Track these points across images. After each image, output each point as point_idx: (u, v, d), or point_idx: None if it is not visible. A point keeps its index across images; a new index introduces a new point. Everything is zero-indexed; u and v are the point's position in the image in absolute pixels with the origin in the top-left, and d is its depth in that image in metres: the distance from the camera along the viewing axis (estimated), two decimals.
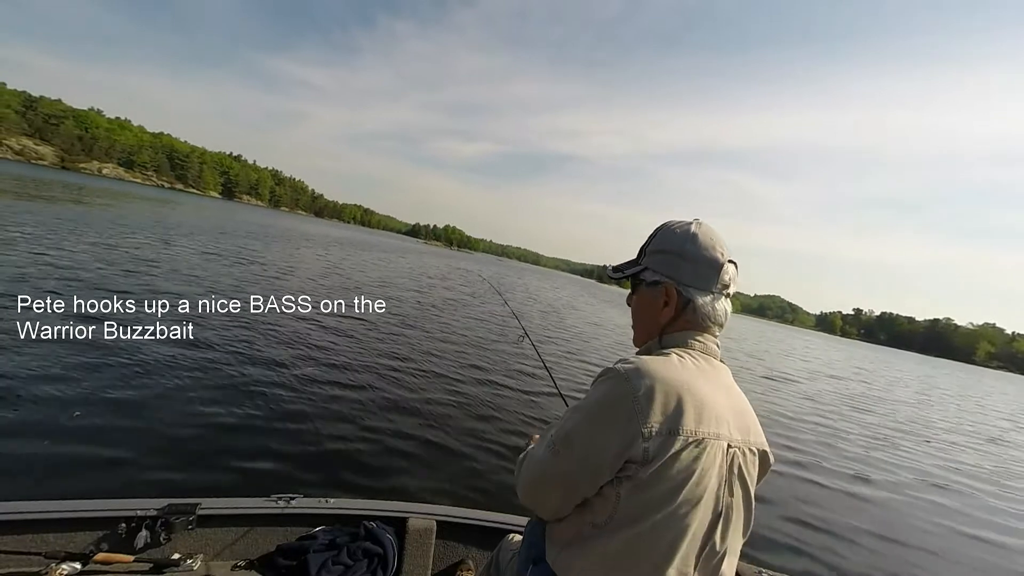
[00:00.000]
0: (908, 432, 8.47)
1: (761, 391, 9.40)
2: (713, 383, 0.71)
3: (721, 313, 0.77)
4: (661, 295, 0.78)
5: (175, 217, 23.78)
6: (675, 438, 0.63)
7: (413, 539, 1.60)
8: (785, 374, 13.62)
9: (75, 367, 3.49)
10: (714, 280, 0.76)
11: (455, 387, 5.06)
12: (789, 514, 3.68)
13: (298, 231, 37.95)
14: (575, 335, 11.91)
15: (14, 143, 78.01)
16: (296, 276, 11.69)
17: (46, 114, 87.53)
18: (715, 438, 0.66)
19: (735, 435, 0.69)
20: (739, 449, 0.69)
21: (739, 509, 0.70)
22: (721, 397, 0.70)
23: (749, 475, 0.71)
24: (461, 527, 1.69)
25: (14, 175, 33.15)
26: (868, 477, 5.14)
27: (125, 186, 65.00)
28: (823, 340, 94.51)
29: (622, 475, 0.65)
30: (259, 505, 1.53)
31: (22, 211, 13.08)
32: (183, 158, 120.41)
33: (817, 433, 6.70)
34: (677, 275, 0.77)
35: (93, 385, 3.29)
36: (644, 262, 0.82)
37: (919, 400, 14.94)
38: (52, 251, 7.99)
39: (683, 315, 0.76)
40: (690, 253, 0.76)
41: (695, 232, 0.77)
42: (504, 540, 1.13)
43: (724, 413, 0.69)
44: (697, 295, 0.76)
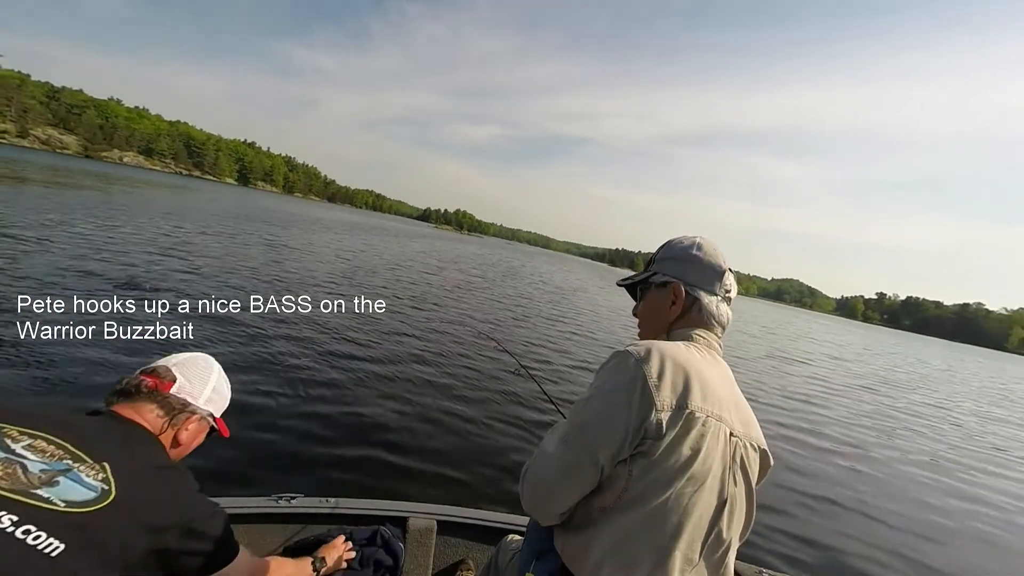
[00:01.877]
0: (887, 416, 8.43)
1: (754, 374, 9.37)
2: (716, 372, 0.75)
3: (724, 315, 0.84)
4: (669, 295, 0.84)
5: (196, 203, 24.25)
6: (683, 412, 0.65)
7: (413, 539, 1.59)
8: (784, 354, 13.52)
9: (76, 367, 3.51)
10: (718, 283, 0.84)
11: (456, 387, 4.94)
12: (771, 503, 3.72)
13: (311, 217, 38.23)
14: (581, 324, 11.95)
15: (40, 133, 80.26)
16: (302, 269, 11.43)
17: (69, 104, 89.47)
18: (718, 419, 0.68)
19: (737, 426, 0.71)
20: (741, 441, 0.71)
21: (741, 501, 0.71)
22: (723, 387, 0.73)
23: (751, 469, 0.73)
24: (462, 527, 1.68)
25: (43, 164, 34.07)
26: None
27: (146, 174, 66.41)
28: (839, 324, 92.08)
29: (636, 451, 0.66)
30: (259, 505, 1.52)
31: (54, 198, 13.68)
32: (200, 145, 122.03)
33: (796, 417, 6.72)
34: (684, 275, 0.84)
35: (93, 385, 3.30)
36: (653, 268, 0.90)
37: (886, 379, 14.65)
38: (55, 242, 8.35)
39: (689, 313, 0.83)
40: (696, 258, 0.85)
41: (700, 243, 0.87)
42: (504, 540, 1.14)
43: (725, 400, 0.71)
44: (703, 294, 0.82)
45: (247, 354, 4.63)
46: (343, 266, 13.04)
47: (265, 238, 15.72)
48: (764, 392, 8.12)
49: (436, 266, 19.07)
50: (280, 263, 11.18)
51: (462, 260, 26.71)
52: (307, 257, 13.49)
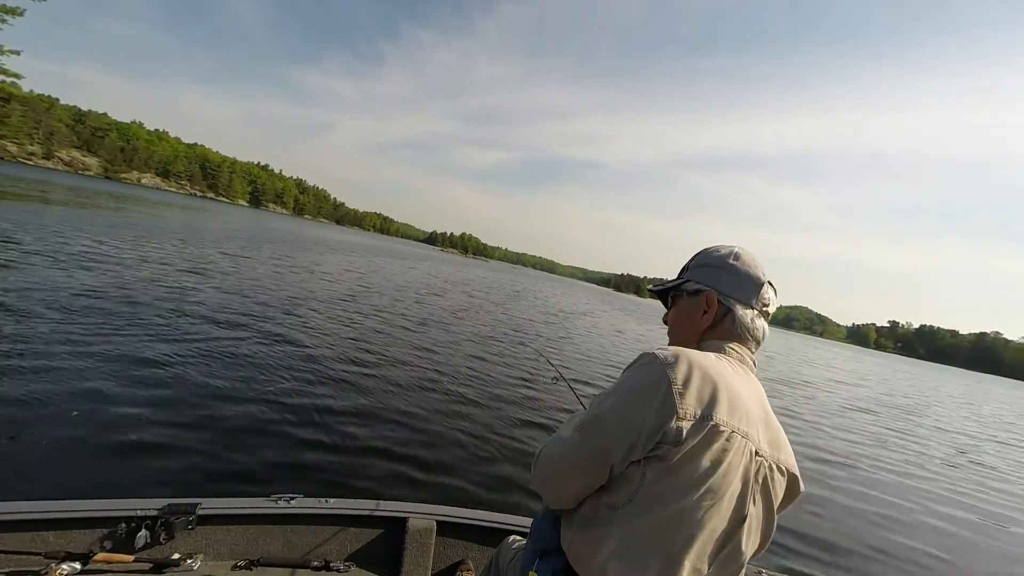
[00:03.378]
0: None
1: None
2: (747, 388, 0.71)
3: (760, 330, 0.79)
4: (702, 303, 0.80)
5: (211, 224, 24.87)
6: (707, 423, 0.63)
7: (413, 539, 1.59)
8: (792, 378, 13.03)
9: (73, 367, 3.51)
10: (754, 295, 0.79)
11: (456, 387, 5.04)
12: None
13: (320, 239, 38.90)
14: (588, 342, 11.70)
15: (64, 154, 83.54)
16: (308, 288, 11.74)
17: (93, 127, 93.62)
18: (744, 436, 0.65)
19: (764, 446, 0.68)
20: (767, 461, 0.68)
21: (759, 522, 0.69)
22: (754, 404, 0.70)
23: (774, 492, 0.69)
24: (461, 527, 1.69)
25: (66, 185, 35.29)
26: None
27: (162, 195, 68.55)
28: (851, 352, 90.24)
29: (652, 455, 0.64)
30: (259, 505, 1.53)
31: (69, 217, 13.96)
32: (215, 168, 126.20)
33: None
34: (718, 284, 0.80)
35: (92, 384, 3.30)
36: (687, 275, 0.86)
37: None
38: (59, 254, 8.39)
39: (722, 324, 0.78)
40: (733, 267, 0.80)
41: (738, 252, 0.82)
42: (505, 541, 1.13)
43: (755, 418, 0.68)
44: (737, 306, 0.78)
45: (243, 361, 4.58)
46: (351, 286, 13.13)
47: (281, 260, 16.12)
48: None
49: (441, 287, 19.28)
50: (283, 282, 11.32)
51: (471, 282, 26.99)
52: (316, 277, 13.62)
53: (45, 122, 79.51)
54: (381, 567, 1.59)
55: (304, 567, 1.50)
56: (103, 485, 2.33)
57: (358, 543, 1.62)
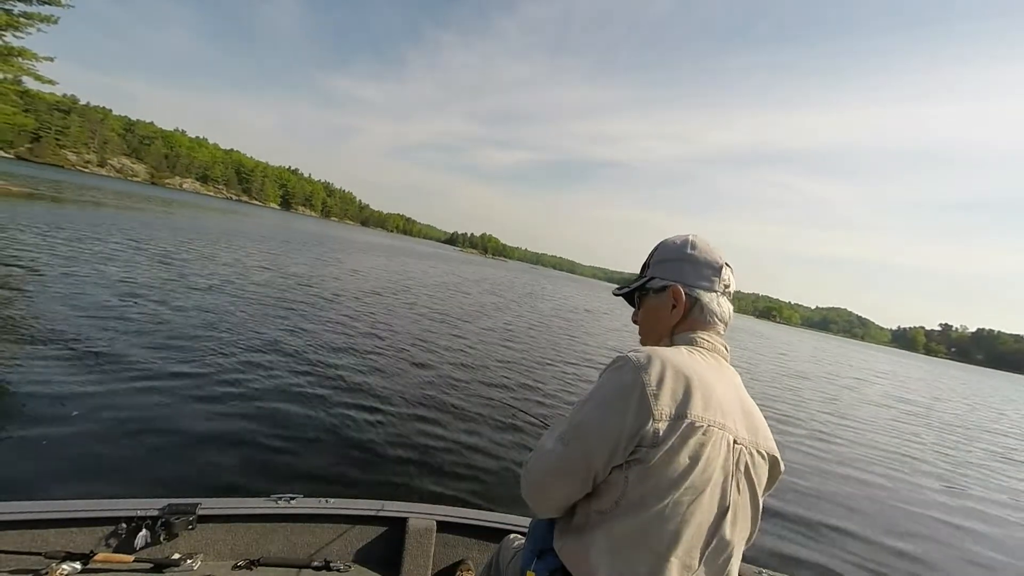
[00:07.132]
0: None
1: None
2: (721, 379, 0.73)
3: (726, 311, 0.82)
4: (669, 299, 0.82)
5: (246, 226, 26.00)
6: (682, 421, 0.65)
7: (413, 539, 1.59)
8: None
9: (73, 367, 3.54)
10: (716, 279, 0.82)
11: (456, 388, 5.00)
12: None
13: (349, 240, 39.93)
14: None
15: (115, 162, 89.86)
16: (315, 291, 11.78)
17: (141, 135, 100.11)
18: (721, 428, 0.67)
19: (742, 433, 0.70)
20: (746, 448, 0.70)
21: (745, 509, 0.70)
22: (729, 393, 0.72)
23: (757, 477, 0.71)
24: (461, 527, 1.69)
25: (118, 191, 37.72)
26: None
27: (202, 199, 72.47)
28: (895, 356, 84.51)
29: (632, 458, 0.66)
30: (259, 505, 1.52)
31: (128, 219, 14.91)
32: (249, 172, 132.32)
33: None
34: (682, 277, 0.82)
35: (92, 384, 3.32)
36: (649, 273, 0.87)
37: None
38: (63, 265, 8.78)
39: (691, 315, 0.80)
40: (692, 257, 0.82)
41: (693, 240, 0.84)
42: (504, 540, 1.13)
43: (731, 408, 0.70)
44: (703, 294, 0.80)
45: (243, 362, 4.62)
46: (368, 284, 13.47)
47: (317, 258, 16.57)
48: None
49: (456, 286, 19.41)
50: (300, 281, 11.67)
51: (484, 281, 27.15)
52: (330, 276, 14.06)
53: (100, 132, 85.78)
54: (381, 567, 1.57)
55: (304, 567, 1.48)
56: (103, 485, 2.32)
57: (358, 543, 1.61)
